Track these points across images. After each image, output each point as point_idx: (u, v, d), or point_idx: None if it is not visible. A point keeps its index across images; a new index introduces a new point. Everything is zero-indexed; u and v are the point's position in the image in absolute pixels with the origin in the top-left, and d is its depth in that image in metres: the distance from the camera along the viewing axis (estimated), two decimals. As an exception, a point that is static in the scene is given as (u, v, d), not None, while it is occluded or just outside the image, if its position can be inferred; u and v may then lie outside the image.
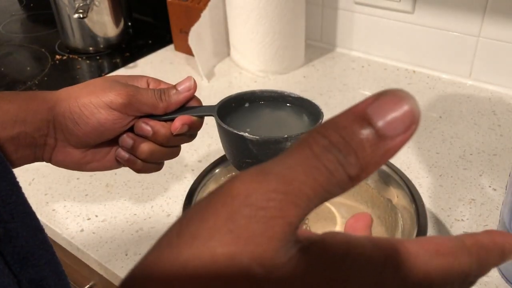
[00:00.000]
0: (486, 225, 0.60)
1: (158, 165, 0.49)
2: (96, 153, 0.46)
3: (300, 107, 0.51)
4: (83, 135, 0.43)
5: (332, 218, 0.61)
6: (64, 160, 0.45)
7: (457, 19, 0.87)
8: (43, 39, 1.19)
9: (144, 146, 0.45)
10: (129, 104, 0.43)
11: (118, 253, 0.59)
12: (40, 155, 0.44)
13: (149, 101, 0.44)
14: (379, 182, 0.60)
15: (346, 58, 1.02)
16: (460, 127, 0.79)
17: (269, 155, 0.45)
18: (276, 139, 0.44)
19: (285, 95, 0.51)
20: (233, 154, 0.48)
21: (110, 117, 0.43)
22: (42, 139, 0.43)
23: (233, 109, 0.50)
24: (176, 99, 0.45)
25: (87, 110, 0.42)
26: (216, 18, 0.98)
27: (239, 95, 0.50)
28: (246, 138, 0.44)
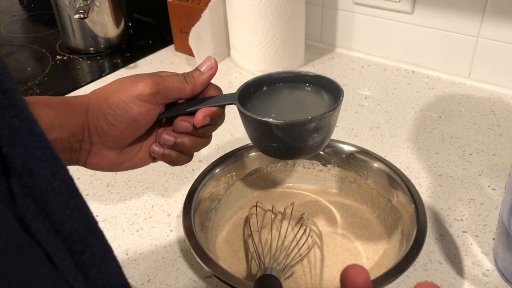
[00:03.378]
0: (485, 224, 0.60)
1: (190, 156, 0.50)
2: (129, 152, 0.47)
3: (319, 85, 0.50)
4: (119, 135, 0.44)
5: (332, 218, 0.62)
6: (99, 163, 0.46)
7: (457, 20, 0.87)
8: (43, 39, 1.19)
9: (186, 140, 0.47)
10: (157, 93, 0.44)
11: (119, 253, 0.59)
12: (75, 159, 0.45)
13: (175, 85, 0.45)
14: (379, 182, 0.60)
15: (345, 58, 1.02)
16: (459, 127, 0.79)
17: (295, 137, 0.45)
18: (300, 122, 0.43)
19: (302, 74, 0.50)
20: (258, 139, 0.47)
21: (142, 109, 0.44)
22: (77, 144, 0.44)
23: (252, 94, 0.50)
24: (201, 79, 0.46)
25: (119, 108, 0.43)
26: (216, 19, 0.98)
27: (256, 79, 0.50)
28: (270, 124, 0.43)
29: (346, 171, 0.63)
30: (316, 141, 0.46)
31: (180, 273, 0.56)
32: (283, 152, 0.47)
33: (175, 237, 0.61)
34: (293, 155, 0.49)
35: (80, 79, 1.00)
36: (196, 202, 0.57)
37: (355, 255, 0.57)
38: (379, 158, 0.61)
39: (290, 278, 0.54)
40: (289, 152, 0.47)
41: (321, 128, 0.45)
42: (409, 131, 0.79)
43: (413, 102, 0.86)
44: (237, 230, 0.61)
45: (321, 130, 0.45)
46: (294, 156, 0.51)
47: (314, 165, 0.65)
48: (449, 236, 0.59)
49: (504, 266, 0.54)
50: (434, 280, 0.54)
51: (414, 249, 0.49)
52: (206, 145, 0.49)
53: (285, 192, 0.66)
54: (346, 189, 0.64)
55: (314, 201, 0.64)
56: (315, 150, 0.48)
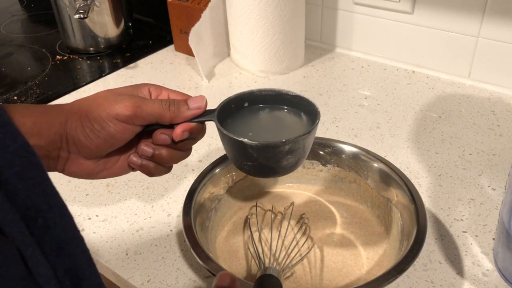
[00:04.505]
0: (485, 224, 0.60)
1: (169, 168, 0.51)
2: (107, 162, 0.48)
3: (299, 105, 0.51)
4: (95, 147, 0.45)
5: (332, 218, 0.62)
6: (77, 171, 0.47)
7: (457, 20, 0.87)
8: (43, 39, 1.19)
9: (164, 152, 0.48)
10: (135, 116, 0.45)
11: (119, 252, 0.59)
12: (54, 167, 0.46)
13: (155, 111, 0.46)
14: (379, 182, 0.60)
15: (345, 58, 1.02)
16: (459, 127, 0.79)
17: (269, 158, 0.46)
18: (275, 144, 0.45)
19: (283, 93, 0.51)
20: (234, 157, 0.49)
21: (119, 128, 0.45)
22: (55, 152, 0.45)
23: (233, 111, 0.51)
24: (185, 114, 0.47)
25: (97, 124, 0.44)
26: (216, 19, 0.98)
27: (237, 96, 0.51)
28: (246, 144, 0.45)
29: (346, 171, 0.63)
30: (290, 162, 0.47)
31: (180, 273, 0.56)
32: (258, 171, 0.49)
33: (175, 237, 0.61)
34: (268, 174, 0.51)
35: (80, 79, 1.00)
36: (196, 202, 0.57)
37: (355, 255, 0.57)
38: (379, 158, 0.61)
39: (290, 278, 0.54)
40: (264, 171, 0.49)
41: (295, 150, 0.46)
42: (409, 131, 0.79)
43: (413, 102, 0.86)
44: (237, 230, 0.61)
45: (295, 152, 0.47)
46: (268, 175, 0.53)
47: (314, 165, 0.65)
48: (449, 236, 0.59)
49: (504, 266, 0.54)
50: (434, 280, 0.54)
51: (414, 249, 0.49)
52: (185, 158, 0.50)
53: (285, 192, 0.66)
54: (346, 189, 0.64)
55: (314, 201, 0.64)
56: (290, 170, 0.49)
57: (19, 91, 0.96)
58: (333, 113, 0.84)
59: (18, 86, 0.98)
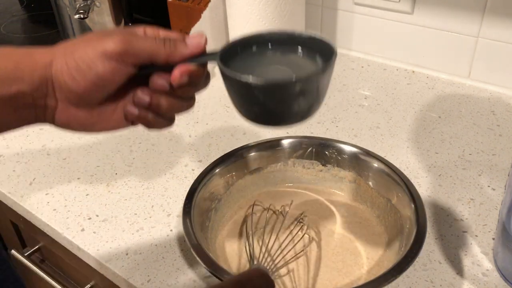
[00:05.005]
0: (485, 224, 0.61)
1: (170, 120, 0.45)
2: (102, 113, 0.43)
3: (313, 48, 0.45)
4: (83, 91, 0.40)
5: (332, 218, 0.62)
6: (68, 121, 0.43)
7: (457, 20, 0.87)
8: (44, 39, 1.19)
9: (162, 101, 0.43)
10: (125, 52, 0.39)
11: (119, 252, 0.59)
12: (42, 116, 0.42)
13: (149, 47, 0.40)
14: (379, 182, 0.60)
15: (345, 59, 1.02)
16: (459, 127, 0.79)
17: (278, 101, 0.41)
18: (283, 82, 0.40)
19: (295, 35, 0.45)
20: (239, 102, 0.44)
21: (108, 68, 0.39)
22: (42, 99, 0.40)
23: (239, 54, 0.45)
24: (182, 52, 0.42)
25: (84, 63, 0.39)
26: (216, 19, 0.98)
27: (244, 38, 0.45)
28: (250, 83, 0.40)
29: (346, 171, 0.63)
30: (302, 107, 0.42)
31: (180, 273, 0.56)
32: (265, 117, 0.44)
33: (175, 237, 0.61)
34: (277, 121, 0.45)
35: (80, 79, 1.00)
36: (196, 202, 0.57)
37: (355, 255, 0.57)
38: (379, 158, 0.61)
39: (285, 276, 0.54)
40: (272, 117, 0.43)
41: (307, 91, 0.41)
42: (409, 131, 0.79)
43: (413, 102, 0.86)
44: (237, 230, 0.61)
45: (307, 94, 0.41)
46: (278, 122, 0.45)
47: (314, 165, 0.65)
48: (449, 236, 0.59)
49: (504, 266, 0.54)
50: (434, 280, 0.54)
51: (414, 249, 0.49)
52: (187, 109, 0.45)
53: (285, 192, 0.66)
54: (346, 189, 0.64)
55: (314, 200, 0.64)
56: (302, 118, 0.43)
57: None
58: (333, 113, 0.84)
59: (18, 86, 0.98)
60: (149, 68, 0.42)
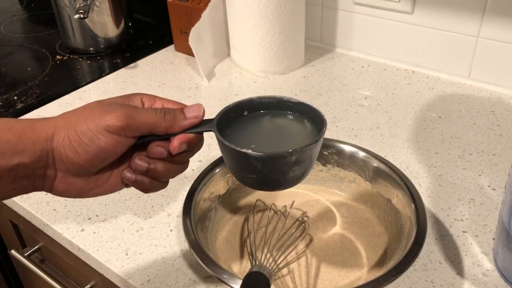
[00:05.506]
0: (485, 224, 0.60)
1: (165, 183, 0.47)
2: (98, 179, 0.44)
3: (301, 113, 0.49)
4: (84, 163, 0.41)
5: (332, 218, 0.62)
6: (65, 190, 0.43)
7: (457, 20, 0.87)
8: (43, 39, 1.19)
9: (159, 167, 0.44)
10: (127, 127, 0.41)
11: (119, 252, 0.59)
12: (40, 186, 0.43)
13: (150, 121, 0.42)
14: (379, 182, 0.60)
15: (345, 59, 1.02)
16: (459, 127, 0.79)
17: (274, 170, 0.44)
18: (281, 154, 0.43)
19: (284, 100, 0.48)
20: (236, 170, 0.46)
21: (110, 141, 0.41)
22: (41, 170, 0.41)
23: (232, 120, 0.48)
24: (182, 124, 0.44)
25: (86, 137, 0.40)
26: (216, 19, 0.98)
27: (236, 104, 0.48)
28: (250, 155, 0.42)
29: (346, 171, 0.63)
30: (296, 173, 0.45)
31: (180, 273, 0.56)
32: (262, 183, 0.46)
33: (175, 237, 0.61)
34: (272, 187, 0.48)
35: (80, 79, 1.00)
36: (196, 202, 0.57)
37: (355, 255, 0.57)
38: (379, 158, 0.61)
39: (286, 276, 0.54)
40: (268, 184, 0.46)
41: (302, 161, 0.44)
42: (409, 131, 0.79)
43: (413, 102, 0.86)
44: (237, 230, 0.61)
45: (302, 163, 0.44)
46: (273, 188, 0.49)
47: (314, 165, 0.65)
48: (449, 236, 0.59)
49: (504, 266, 0.54)
50: (434, 280, 0.54)
51: (414, 249, 0.49)
52: (181, 171, 0.47)
53: (285, 192, 0.66)
54: (346, 189, 0.64)
55: (314, 200, 0.64)
56: (295, 183, 0.47)
57: (19, 91, 0.96)
58: (333, 113, 0.84)
59: (18, 86, 0.98)
60: (148, 137, 0.44)
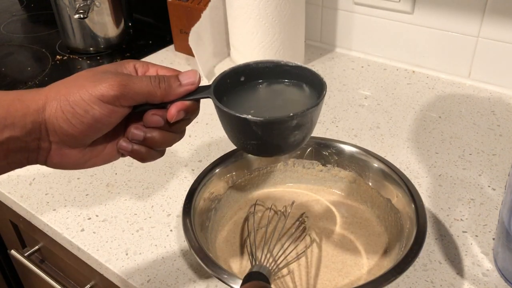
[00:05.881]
0: (485, 224, 0.60)
1: (161, 152, 0.46)
2: (94, 149, 0.43)
3: (300, 77, 0.47)
4: (79, 134, 0.40)
5: (332, 218, 0.62)
6: (61, 162, 0.43)
7: (457, 20, 0.87)
8: (43, 39, 1.19)
9: (156, 136, 0.44)
10: (121, 96, 0.40)
11: (119, 252, 0.59)
12: (34, 159, 0.42)
13: (144, 89, 0.41)
14: (378, 182, 0.60)
15: (345, 58, 1.02)
16: (459, 127, 0.79)
17: (275, 135, 0.43)
18: (281, 119, 0.42)
19: (281, 64, 0.47)
20: (235, 136, 0.45)
21: (105, 111, 0.40)
22: (34, 142, 0.40)
23: (229, 86, 0.47)
24: (177, 91, 0.43)
25: (80, 107, 0.39)
26: (216, 19, 0.98)
27: (233, 70, 0.47)
28: (249, 121, 0.41)
29: (346, 171, 0.63)
30: (297, 138, 0.44)
31: (180, 273, 0.56)
32: (262, 149, 0.45)
33: (175, 237, 0.61)
34: (273, 152, 0.47)
35: (80, 79, 1.00)
36: (196, 202, 0.57)
37: (355, 255, 0.57)
38: (379, 158, 0.61)
39: (286, 276, 0.54)
40: (269, 149, 0.46)
41: (302, 125, 0.43)
42: (409, 131, 0.79)
43: (413, 102, 0.86)
44: (237, 230, 0.61)
45: (302, 127, 0.43)
46: (274, 153, 0.48)
47: (314, 165, 0.65)
48: (449, 236, 0.59)
49: (504, 266, 0.54)
50: (434, 280, 0.54)
51: (414, 249, 0.49)
52: (178, 140, 0.46)
53: (285, 192, 0.66)
54: (346, 189, 0.64)
55: (314, 201, 0.64)
56: (296, 147, 0.46)
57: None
58: (333, 113, 0.84)
59: (18, 86, 0.98)
60: (143, 106, 0.43)
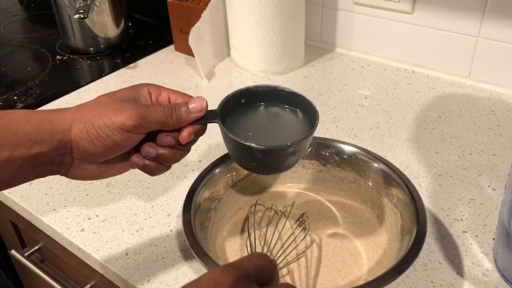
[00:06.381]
0: (485, 224, 0.60)
1: (169, 166, 0.52)
2: (109, 164, 0.49)
3: (294, 102, 0.53)
4: (99, 154, 0.46)
5: (332, 218, 0.62)
6: (80, 175, 0.48)
7: (457, 20, 0.87)
8: (43, 39, 1.19)
9: (167, 153, 0.49)
10: (139, 126, 0.46)
11: (119, 252, 0.59)
12: (57, 171, 0.47)
13: (159, 120, 0.47)
14: (379, 182, 0.60)
15: (345, 58, 1.02)
16: (459, 127, 0.79)
17: (273, 159, 0.49)
18: (280, 147, 0.48)
19: (278, 89, 0.53)
20: (238, 157, 0.51)
21: (124, 137, 0.46)
22: (59, 158, 0.46)
23: (231, 108, 0.52)
24: (187, 118, 0.48)
25: (103, 132, 0.45)
26: (216, 19, 0.98)
27: (235, 93, 0.52)
28: (252, 148, 0.47)
29: (346, 171, 0.63)
30: (292, 161, 0.51)
31: (180, 273, 0.56)
32: (261, 169, 0.52)
33: (175, 237, 0.61)
34: (270, 172, 0.57)
35: (80, 79, 1.00)
36: (196, 202, 0.57)
37: (355, 255, 0.57)
38: (379, 158, 0.61)
39: (286, 277, 0.54)
40: (267, 169, 0.53)
41: (297, 151, 0.49)
42: (409, 131, 0.79)
43: (413, 102, 0.86)
44: (237, 230, 0.61)
45: (297, 152, 0.50)
46: (271, 173, 0.59)
47: (314, 165, 0.65)
48: (449, 236, 0.59)
49: (504, 266, 0.54)
50: (434, 280, 0.54)
51: (414, 249, 0.49)
52: (185, 156, 0.52)
53: (285, 192, 0.66)
54: (346, 189, 0.64)
55: (314, 201, 0.64)
56: (290, 167, 0.52)
57: (19, 91, 0.96)
58: (333, 113, 0.84)
59: (18, 86, 0.98)
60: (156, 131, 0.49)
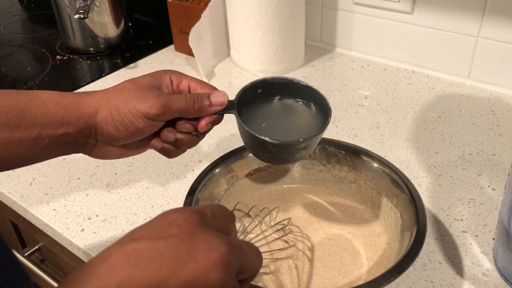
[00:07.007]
0: (485, 224, 0.61)
1: (184, 150, 0.54)
2: (129, 147, 0.52)
3: (308, 95, 0.55)
4: (122, 138, 0.49)
5: (332, 218, 0.62)
6: (102, 155, 0.51)
7: (457, 20, 0.87)
8: (43, 39, 1.19)
9: (185, 138, 0.52)
10: (162, 114, 0.48)
11: (119, 252, 0.59)
12: (81, 150, 0.50)
13: (181, 109, 0.49)
14: (378, 182, 0.60)
15: (345, 58, 1.02)
16: (459, 127, 0.79)
17: (285, 152, 0.52)
18: (293, 142, 0.50)
19: (294, 82, 0.55)
20: (252, 148, 0.54)
21: (147, 124, 0.48)
22: (84, 139, 0.49)
23: (248, 98, 0.54)
24: (208, 110, 0.51)
25: (127, 118, 0.48)
26: (216, 19, 0.98)
27: (252, 84, 0.54)
28: (266, 141, 0.49)
29: (346, 171, 0.63)
30: (302, 154, 0.54)
31: (180, 273, 0.56)
32: (273, 160, 0.55)
33: (175, 237, 0.61)
34: (281, 163, 0.62)
35: (80, 79, 1.00)
36: (196, 202, 0.57)
37: (354, 255, 0.57)
38: (379, 158, 0.61)
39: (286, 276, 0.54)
40: (279, 161, 0.57)
41: (309, 146, 0.52)
42: (409, 131, 0.79)
43: (413, 102, 0.86)
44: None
45: (308, 147, 0.53)
46: (281, 163, 0.63)
47: (314, 165, 0.65)
48: (449, 236, 0.59)
49: (504, 266, 0.54)
50: (434, 280, 0.54)
51: (414, 249, 0.49)
52: (200, 141, 0.54)
53: (285, 192, 0.66)
54: (346, 189, 0.64)
55: (314, 201, 0.64)
56: (300, 159, 0.57)
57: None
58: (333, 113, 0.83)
59: (18, 86, 0.98)
60: None
